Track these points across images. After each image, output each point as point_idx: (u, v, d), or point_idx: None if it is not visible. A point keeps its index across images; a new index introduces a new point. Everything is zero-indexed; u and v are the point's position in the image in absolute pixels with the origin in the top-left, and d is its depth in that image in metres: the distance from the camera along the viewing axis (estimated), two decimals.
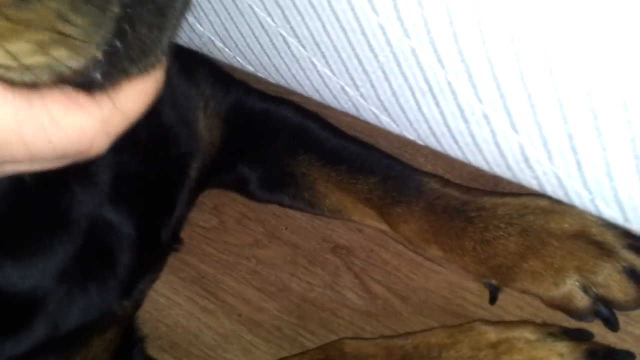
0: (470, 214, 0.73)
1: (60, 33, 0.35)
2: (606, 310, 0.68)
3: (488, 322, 0.72)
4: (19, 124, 0.39)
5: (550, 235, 0.69)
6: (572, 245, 0.68)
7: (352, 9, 0.45)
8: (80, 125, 0.41)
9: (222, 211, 0.96)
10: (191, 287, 0.95)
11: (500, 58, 0.40)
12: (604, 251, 0.66)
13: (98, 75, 0.39)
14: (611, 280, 0.66)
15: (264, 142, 0.84)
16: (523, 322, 0.71)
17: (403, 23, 0.43)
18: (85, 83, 0.40)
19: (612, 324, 0.68)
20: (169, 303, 0.94)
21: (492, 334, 0.69)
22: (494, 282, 0.74)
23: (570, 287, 0.68)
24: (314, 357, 0.77)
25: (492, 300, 0.76)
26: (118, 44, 0.38)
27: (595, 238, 0.67)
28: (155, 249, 0.77)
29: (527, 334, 0.68)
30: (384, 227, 0.82)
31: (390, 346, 0.74)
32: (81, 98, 0.40)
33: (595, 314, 0.68)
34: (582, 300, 0.68)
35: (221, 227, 0.96)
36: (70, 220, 0.65)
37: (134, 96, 0.42)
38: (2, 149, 0.39)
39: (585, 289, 0.67)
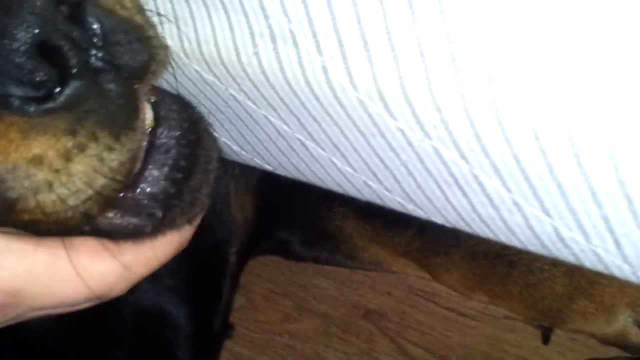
0: (512, 258, 0.73)
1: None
2: None
3: None
4: (49, 277, 0.41)
5: (597, 273, 0.68)
6: (621, 281, 0.67)
7: (370, 115, 0.45)
8: (103, 273, 0.43)
9: (249, 289, 0.96)
10: None
11: (526, 154, 0.40)
12: None
13: (149, 229, 0.41)
14: None
15: (298, 203, 0.84)
16: None
17: (423, 127, 0.43)
18: (120, 231, 0.42)
19: None
20: None
21: None
22: (545, 324, 0.74)
23: (624, 323, 0.67)
24: None
25: (546, 341, 0.75)
26: (176, 201, 0.41)
27: None
28: (210, 338, 0.77)
29: None
30: (426, 275, 0.82)
31: None
32: (105, 246, 0.43)
33: None
34: (637, 336, 0.67)
35: (250, 305, 0.96)
36: (118, 320, 0.65)
37: (165, 247, 0.44)
38: (34, 300, 0.41)
39: (638, 324, 0.67)
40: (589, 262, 0.46)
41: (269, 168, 0.60)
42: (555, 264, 0.70)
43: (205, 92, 0.53)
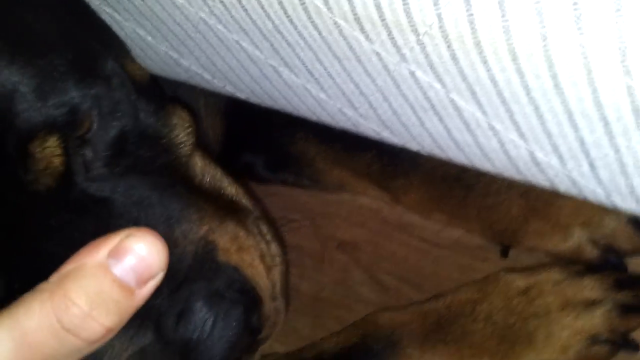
0: (469, 181, 0.73)
1: None
2: (615, 258, 0.69)
3: (512, 269, 0.72)
4: None
5: (553, 194, 0.70)
6: (577, 200, 0.68)
7: (345, 38, 0.44)
8: None
9: None
10: None
11: (503, 76, 0.40)
12: None
13: None
14: (617, 232, 0.68)
15: (262, 127, 0.85)
16: (548, 264, 0.71)
17: (399, 49, 0.42)
18: None
19: (621, 270, 0.69)
20: None
21: (520, 282, 0.70)
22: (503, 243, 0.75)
23: (579, 241, 0.69)
24: (350, 334, 0.77)
25: (504, 254, 0.77)
26: None
27: None
28: None
29: (554, 275, 0.69)
30: (386, 198, 0.82)
31: (424, 311, 0.74)
32: None
33: (605, 262, 0.69)
34: (591, 252, 0.69)
35: None
36: None
37: None
38: None
39: (593, 242, 0.68)
40: (563, 186, 0.46)
41: (241, 96, 0.59)
42: (511, 186, 0.71)
43: (174, 17, 0.52)
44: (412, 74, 0.44)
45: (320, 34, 0.45)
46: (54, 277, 0.44)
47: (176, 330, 0.51)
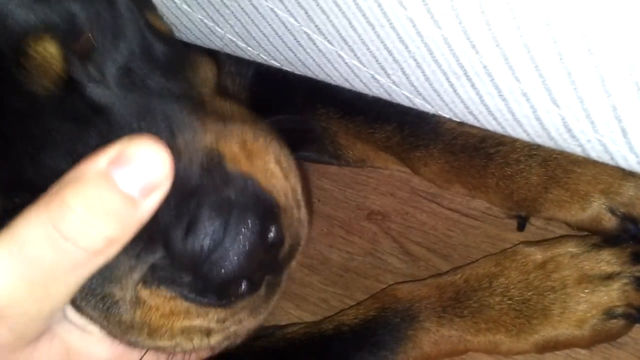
0: (489, 150, 0.74)
1: None
2: (634, 227, 0.69)
3: (530, 242, 0.73)
4: None
5: (572, 162, 0.70)
6: (595, 169, 0.69)
7: (379, 5, 0.45)
8: None
9: None
10: None
11: (536, 42, 0.40)
12: (627, 170, 0.67)
13: None
14: (636, 199, 0.68)
15: (284, 103, 0.86)
16: (565, 237, 0.72)
17: (433, 15, 0.43)
18: None
19: (639, 239, 0.69)
20: None
21: (538, 255, 0.71)
22: (522, 213, 0.76)
23: (598, 209, 0.69)
24: (370, 307, 0.78)
25: (521, 227, 0.77)
26: None
27: None
28: None
29: (571, 248, 0.70)
30: (406, 170, 0.84)
31: (442, 284, 0.75)
32: None
33: (623, 231, 0.69)
34: (610, 221, 0.69)
35: None
36: None
37: None
38: None
39: (612, 210, 0.69)
40: (595, 152, 0.47)
41: (275, 64, 0.60)
42: (530, 155, 0.72)
43: None
44: (445, 40, 0.44)
45: (354, 0, 0.45)
46: (53, 188, 0.41)
47: (185, 242, 0.47)
